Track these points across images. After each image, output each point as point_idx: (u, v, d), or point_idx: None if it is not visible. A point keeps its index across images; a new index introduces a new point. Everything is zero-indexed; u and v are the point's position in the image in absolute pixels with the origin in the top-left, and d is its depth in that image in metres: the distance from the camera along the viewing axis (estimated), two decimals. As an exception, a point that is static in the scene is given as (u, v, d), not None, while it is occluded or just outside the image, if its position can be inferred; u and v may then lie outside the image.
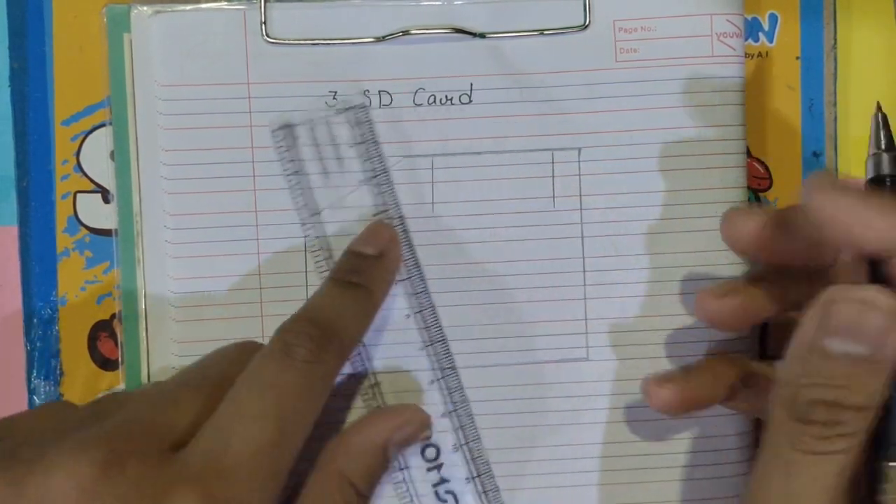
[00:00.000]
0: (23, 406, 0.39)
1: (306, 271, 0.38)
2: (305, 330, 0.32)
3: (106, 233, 0.39)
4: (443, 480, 0.38)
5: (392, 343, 0.38)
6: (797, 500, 0.28)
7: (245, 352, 0.34)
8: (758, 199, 0.40)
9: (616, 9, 0.38)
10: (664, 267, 0.38)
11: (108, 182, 0.39)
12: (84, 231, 0.39)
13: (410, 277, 0.38)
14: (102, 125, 0.39)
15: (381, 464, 0.35)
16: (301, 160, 0.38)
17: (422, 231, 0.38)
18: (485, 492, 0.38)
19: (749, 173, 0.39)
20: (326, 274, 0.37)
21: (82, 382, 0.39)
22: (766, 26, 0.40)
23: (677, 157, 0.38)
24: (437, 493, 0.38)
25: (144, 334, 0.38)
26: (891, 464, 0.29)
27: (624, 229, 0.38)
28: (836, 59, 0.40)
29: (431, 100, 0.38)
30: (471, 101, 0.38)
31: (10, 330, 0.39)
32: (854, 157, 0.41)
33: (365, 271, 0.36)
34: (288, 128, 0.37)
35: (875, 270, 0.30)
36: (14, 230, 0.39)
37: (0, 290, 0.39)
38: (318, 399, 0.33)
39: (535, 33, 0.38)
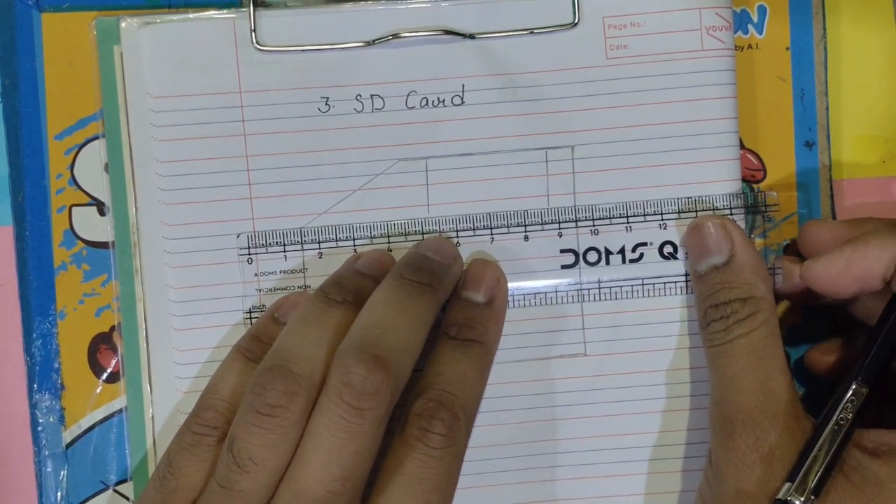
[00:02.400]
0: (25, 421, 0.39)
1: (305, 276, 0.38)
2: (437, 416, 0.33)
3: (103, 245, 0.39)
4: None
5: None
6: (730, 381, 0.35)
7: None
8: (752, 190, 0.40)
9: (605, 5, 0.38)
10: (659, 262, 0.38)
11: (104, 195, 0.39)
12: (81, 244, 0.39)
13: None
14: (96, 138, 0.39)
15: None
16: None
17: (418, 234, 0.38)
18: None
19: (742, 165, 0.39)
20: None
21: (83, 395, 0.39)
22: (755, 18, 0.40)
23: (671, 151, 0.38)
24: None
25: (145, 345, 0.38)
26: (853, 386, 0.34)
27: (619, 226, 0.38)
28: (826, 49, 0.40)
29: (423, 102, 0.38)
30: (463, 102, 0.38)
31: (10, 345, 0.39)
32: (846, 145, 0.41)
33: (479, 323, 0.36)
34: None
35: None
36: (9, 230, 0.39)
37: (-2, 304, 0.39)
38: (455, 476, 0.34)
39: (525, 32, 0.38)
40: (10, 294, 0.39)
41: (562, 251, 0.38)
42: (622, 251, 0.38)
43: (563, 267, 0.38)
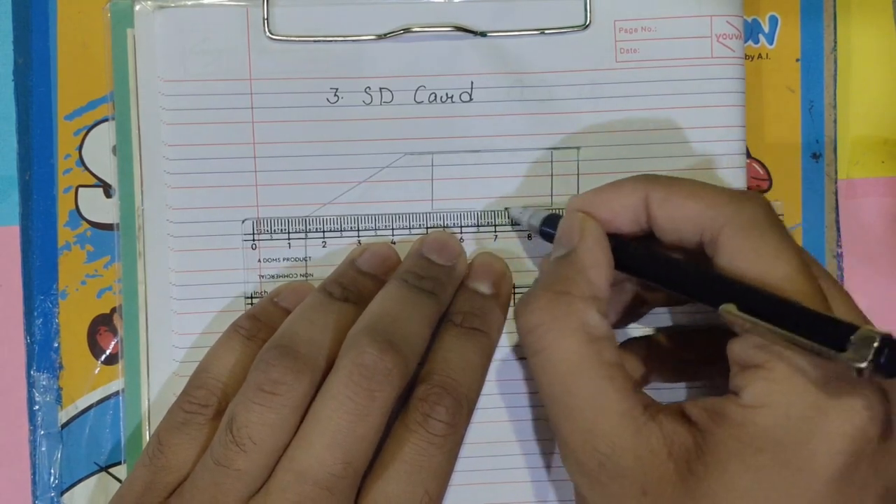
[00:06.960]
0: (22, 399, 0.39)
1: (306, 265, 0.38)
2: (441, 402, 0.33)
3: (107, 227, 0.39)
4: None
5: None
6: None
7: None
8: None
9: (616, 9, 0.38)
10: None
11: (110, 176, 0.39)
12: (85, 225, 0.39)
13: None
14: (105, 120, 0.39)
15: None
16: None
17: (422, 228, 0.38)
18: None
19: (748, 174, 0.39)
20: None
21: (81, 376, 0.39)
22: (766, 28, 0.40)
23: (676, 157, 0.38)
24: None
25: (144, 328, 0.38)
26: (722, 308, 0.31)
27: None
28: (836, 61, 0.40)
29: (432, 97, 0.38)
30: (471, 99, 0.38)
31: (10, 323, 0.39)
32: (853, 158, 0.41)
33: (485, 314, 0.36)
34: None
35: None
36: (15, 230, 0.39)
37: (0, 286, 0.39)
38: (453, 465, 0.33)
39: (536, 32, 0.38)
40: (12, 273, 0.39)
41: None
42: None
43: None
